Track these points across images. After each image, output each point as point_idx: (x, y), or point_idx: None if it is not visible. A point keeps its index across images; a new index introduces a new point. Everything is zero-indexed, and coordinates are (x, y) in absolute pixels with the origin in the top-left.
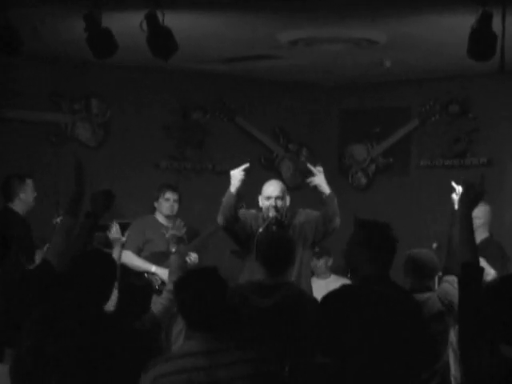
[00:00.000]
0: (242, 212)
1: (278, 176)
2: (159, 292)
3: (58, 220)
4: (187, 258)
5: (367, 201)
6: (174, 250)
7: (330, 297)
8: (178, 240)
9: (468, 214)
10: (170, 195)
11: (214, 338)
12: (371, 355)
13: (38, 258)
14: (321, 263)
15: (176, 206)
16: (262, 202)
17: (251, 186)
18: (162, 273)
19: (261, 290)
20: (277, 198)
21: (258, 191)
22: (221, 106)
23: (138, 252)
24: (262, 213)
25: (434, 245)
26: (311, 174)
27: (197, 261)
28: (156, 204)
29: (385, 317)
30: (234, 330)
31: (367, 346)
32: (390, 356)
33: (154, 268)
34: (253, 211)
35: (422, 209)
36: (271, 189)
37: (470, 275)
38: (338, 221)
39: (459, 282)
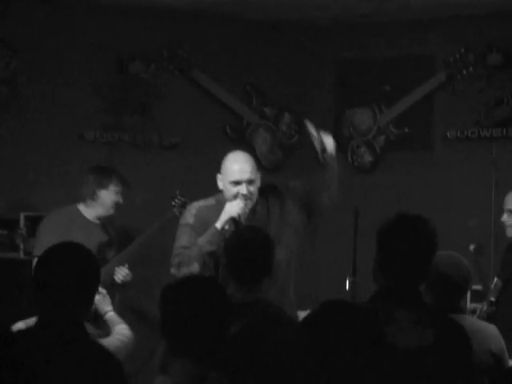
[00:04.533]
0: (197, 214)
1: (250, 152)
2: (94, 320)
3: None
4: (114, 277)
5: (373, 186)
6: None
7: (314, 319)
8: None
9: None
10: (121, 187)
11: (200, 367)
12: None
13: None
14: None
15: None
16: (226, 188)
17: (213, 165)
18: None
19: None
20: (248, 182)
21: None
22: (170, 55)
23: None
24: (217, 200)
25: (472, 246)
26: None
27: (128, 277)
28: (99, 192)
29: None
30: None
31: None
32: None
33: None
34: (205, 204)
35: (451, 197)
36: (239, 169)
37: None
38: (332, 196)
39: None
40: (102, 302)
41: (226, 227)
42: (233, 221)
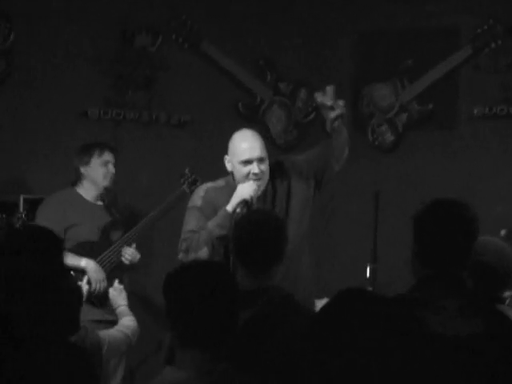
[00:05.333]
0: (206, 197)
1: (263, 130)
2: (94, 303)
3: None
4: (122, 258)
5: (395, 166)
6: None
7: (331, 308)
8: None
9: None
10: (109, 157)
11: (209, 358)
12: None
13: None
14: None
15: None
16: (236, 169)
17: (224, 145)
18: (95, 270)
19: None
20: (259, 160)
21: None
22: (179, 27)
23: None
24: (227, 181)
25: (503, 232)
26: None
27: (136, 258)
28: (83, 170)
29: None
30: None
31: None
32: None
33: (83, 262)
34: (213, 185)
35: (478, 179)
36: (248, 147)
37: None
38: (341, 161)
39: None
40: (118, 296)
41: (238, 210)
42: (245, 203)
